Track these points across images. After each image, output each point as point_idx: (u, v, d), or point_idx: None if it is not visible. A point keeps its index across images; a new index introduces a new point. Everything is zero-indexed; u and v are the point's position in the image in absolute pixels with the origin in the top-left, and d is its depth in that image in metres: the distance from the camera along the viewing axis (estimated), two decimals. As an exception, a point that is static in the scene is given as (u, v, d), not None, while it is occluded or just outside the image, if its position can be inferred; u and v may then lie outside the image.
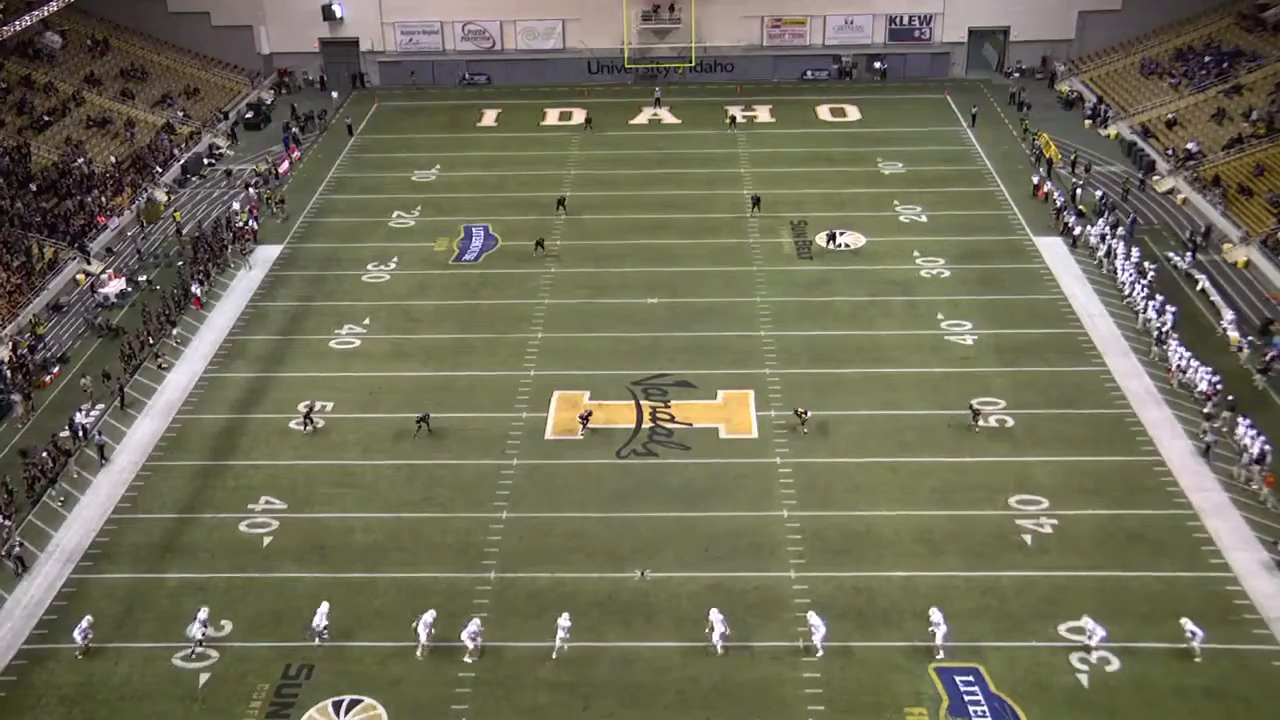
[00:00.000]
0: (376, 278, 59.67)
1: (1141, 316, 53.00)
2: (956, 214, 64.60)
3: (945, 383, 48.88)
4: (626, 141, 77.02)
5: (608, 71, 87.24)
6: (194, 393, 50.55)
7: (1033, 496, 42.00)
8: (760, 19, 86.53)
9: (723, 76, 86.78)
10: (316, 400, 48.83)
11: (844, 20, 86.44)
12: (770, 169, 71.36)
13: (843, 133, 77.38)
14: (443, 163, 73.72)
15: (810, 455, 44.62)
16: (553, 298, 57.01)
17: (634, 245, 61.98)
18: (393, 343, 53.42)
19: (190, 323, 56.01)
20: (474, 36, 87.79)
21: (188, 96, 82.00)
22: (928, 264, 59.01)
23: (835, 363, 50.76)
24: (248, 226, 64.47)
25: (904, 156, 72.20)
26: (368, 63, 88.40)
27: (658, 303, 56.13)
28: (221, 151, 77.09)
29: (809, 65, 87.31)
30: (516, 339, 53.08)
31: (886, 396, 48.20)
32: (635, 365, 50.74)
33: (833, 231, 61.46)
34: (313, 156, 76.17)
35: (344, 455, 45.69)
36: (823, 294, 56.62)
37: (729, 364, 50.71)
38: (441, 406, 48.21)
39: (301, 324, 55.62)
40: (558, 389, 49.23)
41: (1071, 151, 70.96)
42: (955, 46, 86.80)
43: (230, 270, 60.99)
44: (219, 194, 70.70)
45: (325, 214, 67.68)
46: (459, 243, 62.88)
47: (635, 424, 46.95)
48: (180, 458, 46.12)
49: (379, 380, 50.28)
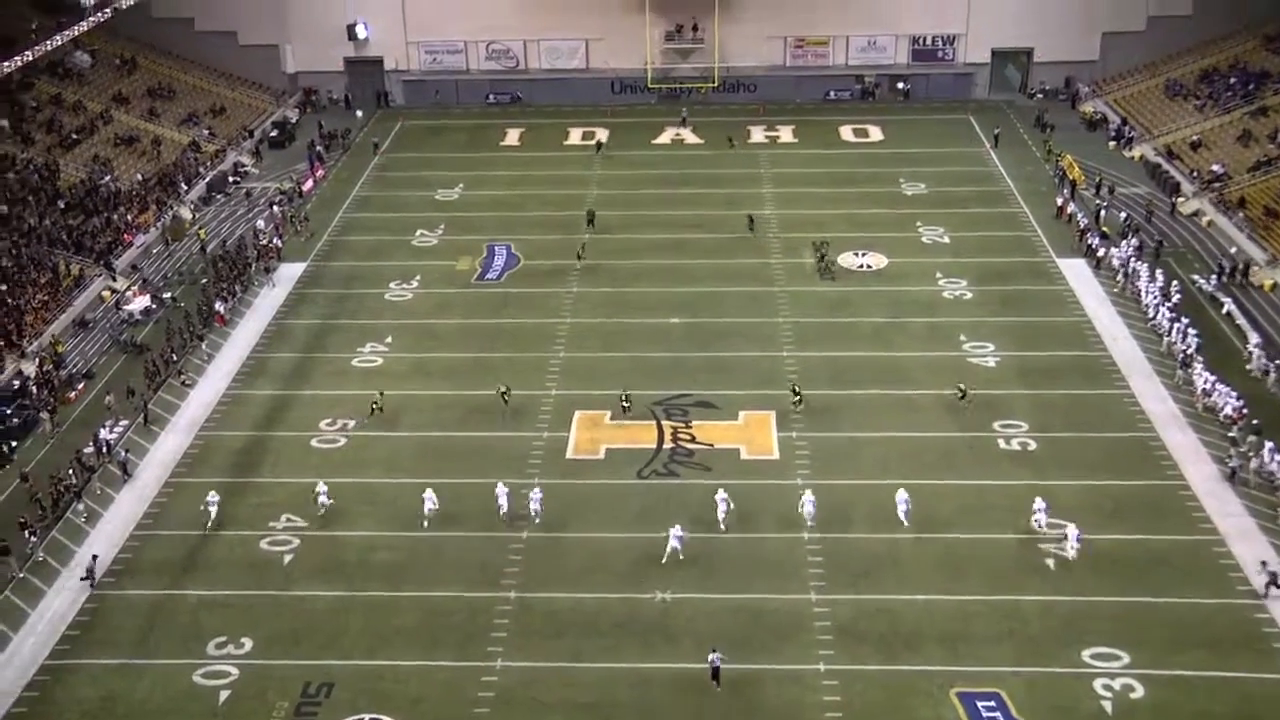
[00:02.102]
0: (399, 296, 59.91)
1: (1166, 339, 52.74)
2: (979, 235, 64.49)
3: (967, 405, 48.66)
4: (649, 161, 77.21)
5: (631, 91, 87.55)
6: (217, 409, 50.82)
7: (1057, 520, 41.71)
8: (783, 39, 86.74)
9: (745, 97, 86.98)
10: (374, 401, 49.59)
11: (867, 41, 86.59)
12: (793, 189, 71.41)
13: (865, 153, 77.41)
14: (466, 181, 74.05)
15: (831, 477, 44.50)
16: (575, 317, 57.11)
17: (656, 265, 62.08)
18: (415, 361, 53.58)
19: (214, 340, 56.33)
20: (498, 56, 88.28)
21: (214, 115, 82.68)
22: (950, 285, 58.91)
23: (857, 384, 50.66)
24: (272, 244, 64.90)
25: (927, 177, 72.15)
26: (392, 82, 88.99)
27: (679, 322, 56.20)
28: (246, 169, 77.63)
29: (832, 85, 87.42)
30: (538, 358, 53.19)
31: (908, 418, 48.06)
32: (657, 385, 50.74)
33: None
34: (337, 175, 76.63)
35: (366, 473, 45.81)
36: (845, 315, 56.57)
37: (750, 385, 50.67)
38: (463, 425, 48.36)
39: (324, 342, 55.88)
40: (579, 408, 49.28)
41: (1095, 173, 70.78)
42: (978, 67, 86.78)
43: (254, 288, 61.37)
44: (243, 212, 71.18)
45: (348, 232, 68.05)
46: (481, 261, 63.10)
47: (656, 444, 46.95)
48: (203, 474, 46.33)
49: (392, 399, 50.37)
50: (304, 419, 49.55)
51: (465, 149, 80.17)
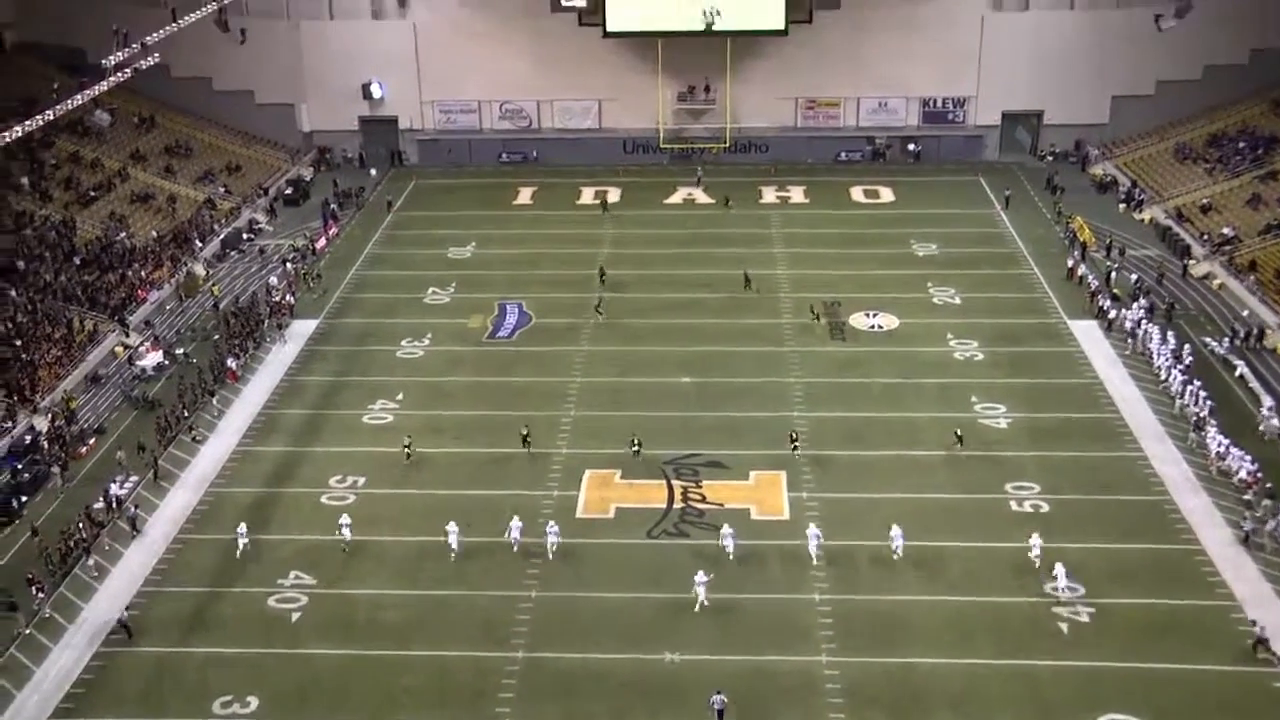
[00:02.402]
0: (410, 353, 60.13)
1: (1178, 402, 52.62)
2: (990, 296, 64.64)
3: (978, 466, 48.56)
4: (660, 220, 77.70)
5: (643, 151, 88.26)
6: (227, 466, 50.90)
7: (1069, 584, 41.37)
8: (795, 100, 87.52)
9: (757, 157, 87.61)
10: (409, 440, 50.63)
11: (878, 103, 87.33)
12: (804, 249, 71.74)
13: (876, 214, 77.82)
14: (478, 240, 74.57)
15: (842, 537, 44.28)
16: (585, 375, 57.23)
17: (667, 324, 62.27)
18: (425, 419, 53.67)
19: (225, 396, 56.54)
20: (511, 116, 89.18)
21: (229, 173, 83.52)
22: (961, 346, 58.97)
23: (868, 444, 50.60)
24: (285, 301, 65.28)
25: (937, 238, 72.47)
26: (406, 141, 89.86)
27: (690, 382, 56.28)
28: (261, 227, 78.30)
29: (843, 146, 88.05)
30: (549, 416, 53.23)
31: (919, 479, 47.93)
32: (667, 444, 50.72)
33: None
34: (350, 232, 77.23)
35: (375, 530, 45.72)
36: (856, 375, 56.61)
37: (761, 444, 50.62)
38: (473, 483, 48.33)
39: (335, 399, 56.05)
40: (589, 467, 49.25)
41: (1106, 235, 71.00)
42: (989, 129, 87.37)
43: (266, 344, 61.67)
44: (257, 268, 71.71)
45: (361, 289, 68.46)
46: (493, 320, 63.37)
47: (666, 504, 46.86)
48: (212, 531, 46.32)
49: (401, 456, 50.38)
50: (314, 476, 49.58)
51: (478, 207, 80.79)
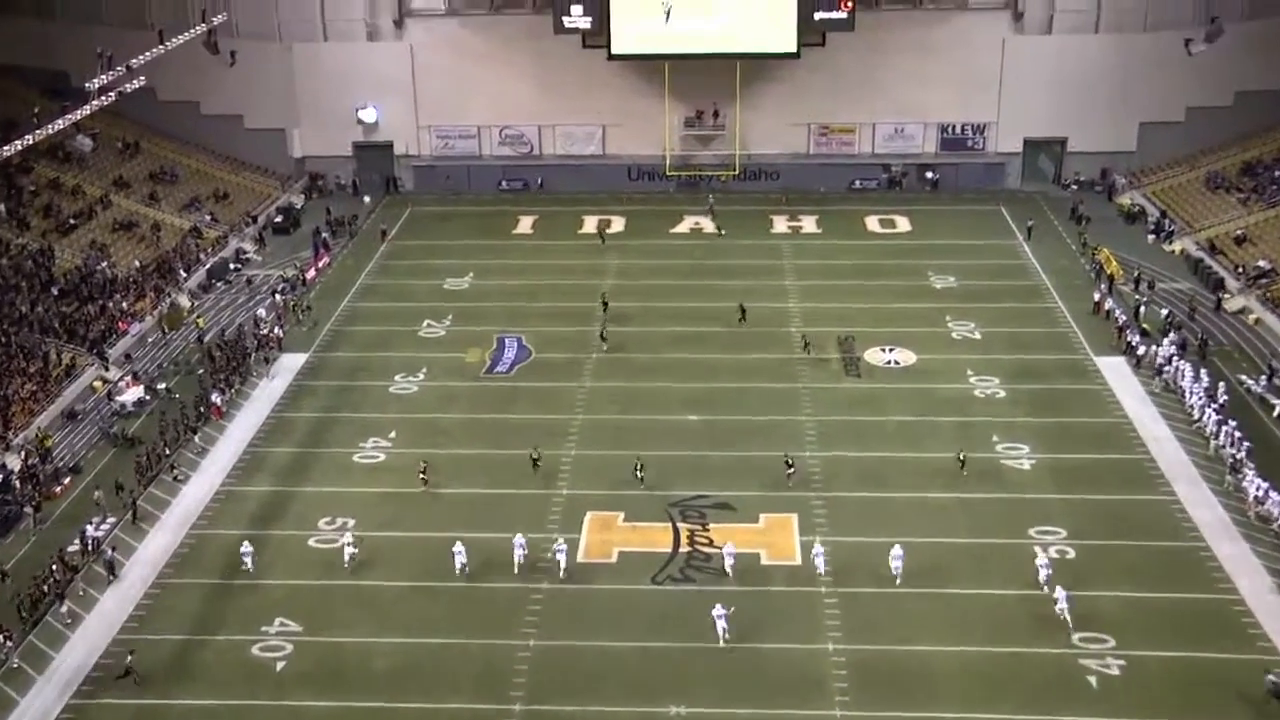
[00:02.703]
0: (404, 389, 60.09)
1: (1213, 442, 52.39)
2: (1012, 331, 64.58)
3: (1000, 510, 48.31)
4: (666, 251, 77.82)
5: (648, 179, 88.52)
6: (210, 506, 50.77)
7: (1098, 634, 41.08)
8: (807, 127, 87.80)
9: (767, 185, 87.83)
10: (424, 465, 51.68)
11: (894, 129, 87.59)
12: (816, 281, 71.81)
13: (892, 244, 77.92)
14: (476, 270, 74.70)
15: (857, 584, 44.05)
16: (587, 413, 57.14)
17: (672, 359, 62.24)
18: (419, 457, 53.39)
19: (209, 433, 56.48)
20: (511, 141, 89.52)
21: (217, 200, 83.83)
22: (982, 383, 58.85)
23: (884, 486, 50.42)
24: (273, 333, 65.32)
25: (956, 270, 72.52)
26: (402, 167, 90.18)
27: (697, 420, 56.16)
28: (249, 256, 78.49)
29: (857, 174, 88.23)
30: (549, 455, 53.03)
31: (939, 523, 47.69)
32: (673, 485, 50.57)
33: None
34: (342, 262, 77.40)
35: (365, 575, 45.54)
36: (871, 413, 56.49)
37: (771, 486, 50.44)
38: (468, 525, 48.12)
39: (325, 436, 55.95)
40: (591, 509, 49.06)
41: (1134, 267, 71.00)
42: (1010, 157, 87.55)
43: (253, 379, 61.64)
44: (244, 300, 71.83)
45: (353, 322, 68.54)
46: (491, 354, 63.38)
47: (672, 548, 46.66)
48: (192, 574, 46.13)
49: (392, 497, 50.20)
50: (302, 517, 49.42)
51: (476, 236, 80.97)
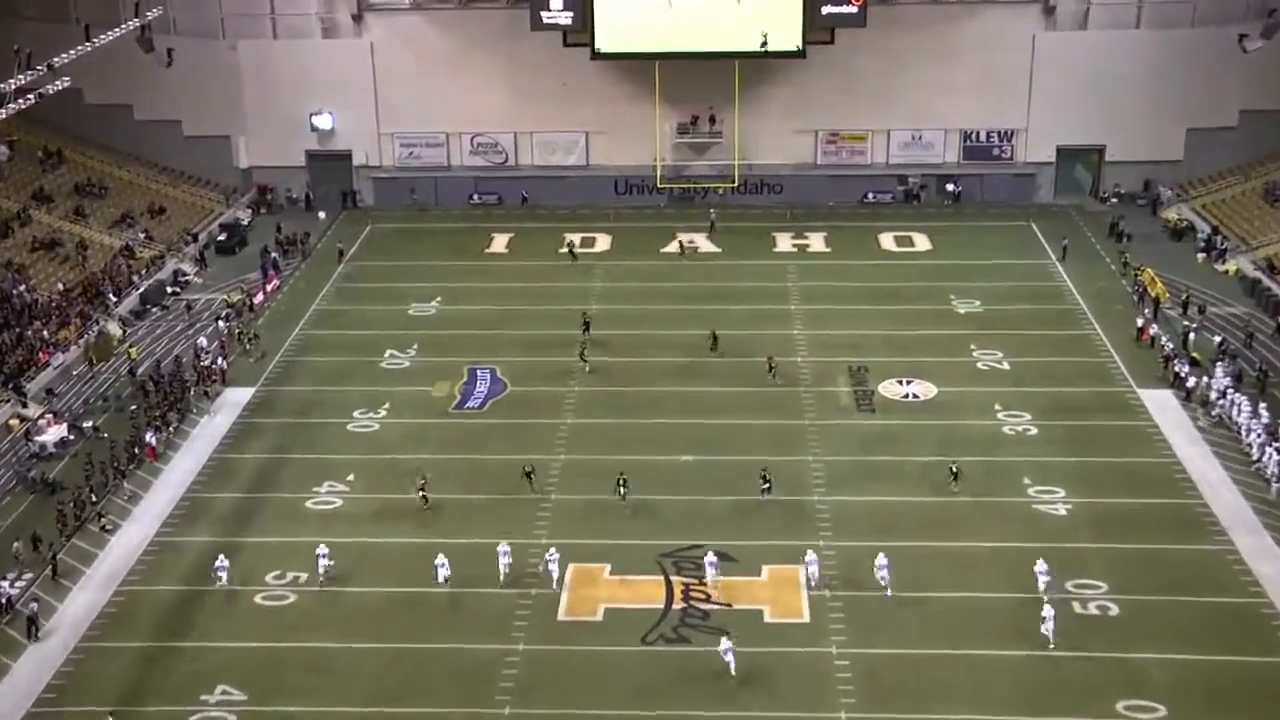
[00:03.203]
0: (364, 427, 60.10)
1: (1275, 485, 52.57)
2: (1045, 361, 64.84)
3: (1034, 559, 48.27)
4: (657, 272, 78.12)
5: (637, 192, 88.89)
6: (143, 560, 50.60)
7: (1146, 702, 41.06)
8: (814, 134, 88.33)
9: (770, 199, 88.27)
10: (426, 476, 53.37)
11: (911, 136, 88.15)
12: (825, 305, 72.10)
13: (910, 265, 78.32)
14: (445, 294, 74.87)
15: (873, 645, 44.03)
16: (569, 453, 57.19)
17: (664, 392, 62.41)
18: (380, 504, 53.50)
19: (142, 477, 56.39)
20: (484, 150, 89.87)
21: (152, 216, 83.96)
22: (1011, 419, 59.04)
23: (901, 534, 50.43)
24: (215, 365, 65.30)
25: (982, 293, 72.86)
26: (361, 179, 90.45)
27: (692, 460, 56.22)
28: (188, 278, 78.55)
29: (870, 187, 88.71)
30: (528, 500, 53.07)
31: (963, 576, 47.71)
32: (665, 534, 50.60)
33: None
34: (294, 285, 77.52)
35: (318, 636, 45.41)
36: (886, 452, 56.63)
37: (775, 534, 50.48)
38: (435, 580, 47.97)
39: (274, 480, 55.88)
40: (573, 561, 49.00)
41: (1182, 290, 71.40)
42: (1042, 167, 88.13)
43: (192, 416, 61.59)
44: (183, 327, 71.82)
45: (306, 352, 68.59)
46: (461, 387, 63.47)
47: (664, 604, 46.61)
48: (122, 637, 45.89)
49: (349, 549, 50.11)
50: (247, 572, 49.24)
51: (445, 257, 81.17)
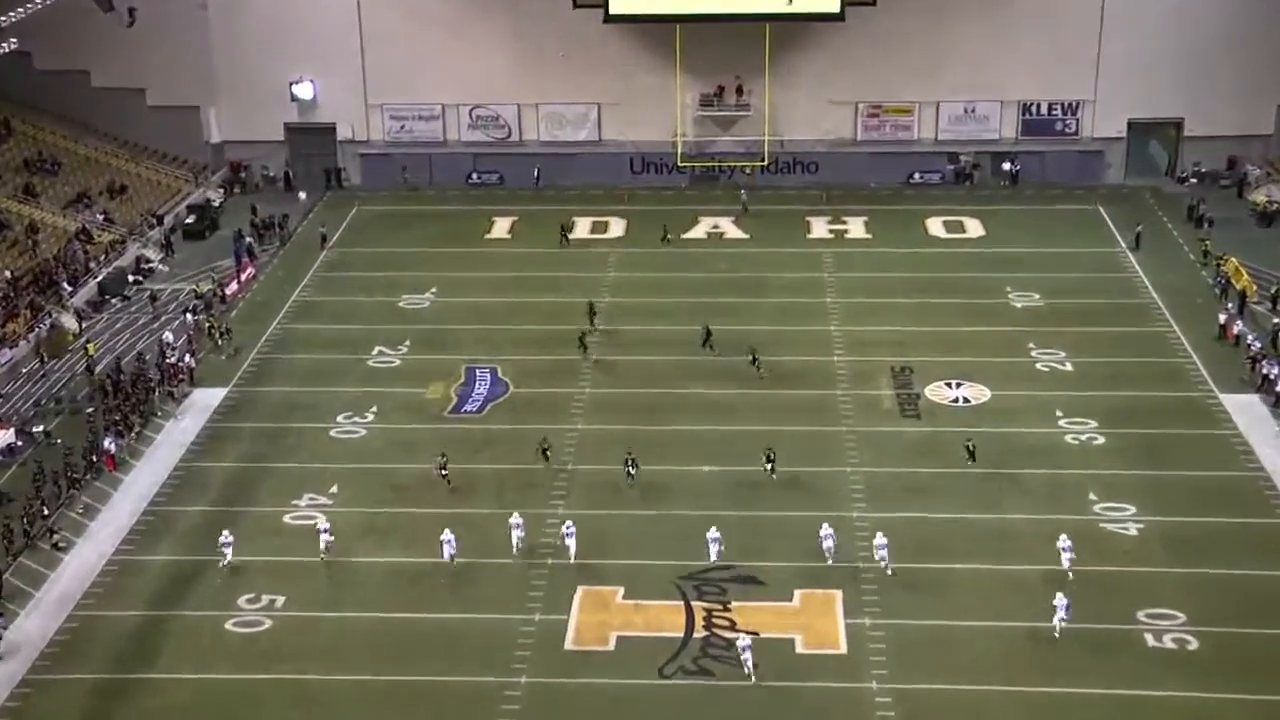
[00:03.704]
0: (349, 433, 60.26)
1: (1373, 503, 52.51)
2: (1113, 362, 64.76)
3: (1100, 588, 48.19)
4: (677, 261, 78.17)
5: (655, 171, 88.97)
6: (100, 582, 50.69)
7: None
8: (854, 106, 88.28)
9: (804, 179, 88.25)
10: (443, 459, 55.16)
11: (963, 108, 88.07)
12: (865, 299, 72.15)
13: (961, 253, 78.31)
14: (440, 285, 75.06)
15: (918, 679, 43.94)
16: (578, 462, 57.26)
17: (684, 395, 62.50)
18: (366, 519, 53.63)
19: (100, 488, 56.56)
20: (484, 124, 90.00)
21: (111, 195, 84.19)
22: (1074, 427, 58.96)
23: (951, 555, 50.41)
24: (183, 363, 65.44)
25: (1042, 286, 72.80)
26: (346, 155, 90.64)
27: (715, 471, 56.26)
28: (153, 266, 78.74)
29: (917, 166, 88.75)
30: (530, 516, 52.97)
31: (1020, 604, 47.55)
32: (685, 554, 50.56)
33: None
34: (271, 274, 77.75)
35: (297, 667, 45.49)
36: (933, 464, 56.59)
37: (809, 554, 50.42)
38: (428, 604, 48.17)
39: (248, 493, 56.01)
40: (582, 584, 49.08)
41: (1271, 282, 71.27)
42: (1111, 143, 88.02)
43: (156, 420, 61.74)
44: (146, 320, 72.04)
45: (285, 349, 68.80)
46: (458, 389, 63.64)
47: (684, 632, 46.57)
48: (76, 668, 45.92)
49: (334, 568, 50.19)
50: (217, 594, 49.36)
51: (440, 243, 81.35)
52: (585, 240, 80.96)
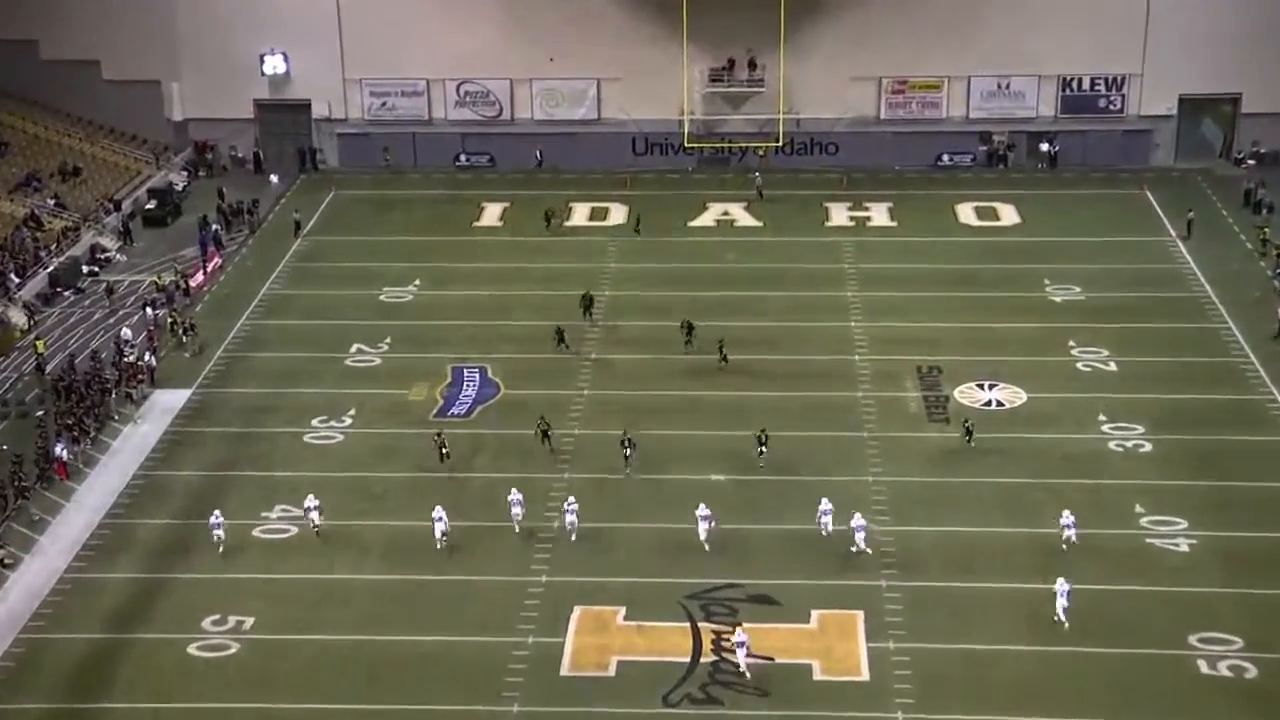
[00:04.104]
0: (325, 438, 60.36)
1: None
2: (1162, 362, 64.83)
3: (1148, 609, 48.20)
4: (684, 250, 78.27)
5: (660, 152, 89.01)
6: (50, 602, 50.65)
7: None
8: (877, 81, 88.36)
9: (823, 161, 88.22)
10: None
11: (997, 84, 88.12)
12: (889, 292, 72.20)
13: (994, 242, 78.41)
14: (424, 277, 75.17)
15: (948, 709, 43.95)
16: (575, 470, 57.29)
17: (691, 397, 62.59)
18: (343, 533, 53.62)
19: (51, 499, 56.58)
20: (474, 101, 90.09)
21: (63, 178, 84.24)
22: (1119, 433, 58.99)
23: (983, 574, 50.39)
24: (142, 362, 65.47)
25: (1083, 278, 72.88)
26: (323, 135, 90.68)
27: (724, 480, 56.27)
28: (109, 256, 78.76)
29: (946, 147, 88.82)
30: (523, 528, 53.14)
31: (1058, 628, 47.54)
32: (693, 571, 50.60)
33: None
34: (240, 265, 77.82)
35: (269, 695, 45.45)
36: (963, 473, 56.62)
37: (828, 571, 50.48)
38: (410, 626, 48.13)
39: (214, 503, 55.80)
40: (579, 603, 49.07)
41: (1335, 275, 71.40)
42: (1160, 121, 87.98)
43: (113, 424, 61.79)
44: (103, 315, 72.10)
45: (254, 346, 68.92)
46: (444, 390, 63.73)
47: (691, 656, 46.54)
48: (24, 697, 45.88)
49: (307, 586, 50.24)
50: (181, 615, 49.30)
51: (425, 231, 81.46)
52: (584, 227, 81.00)
